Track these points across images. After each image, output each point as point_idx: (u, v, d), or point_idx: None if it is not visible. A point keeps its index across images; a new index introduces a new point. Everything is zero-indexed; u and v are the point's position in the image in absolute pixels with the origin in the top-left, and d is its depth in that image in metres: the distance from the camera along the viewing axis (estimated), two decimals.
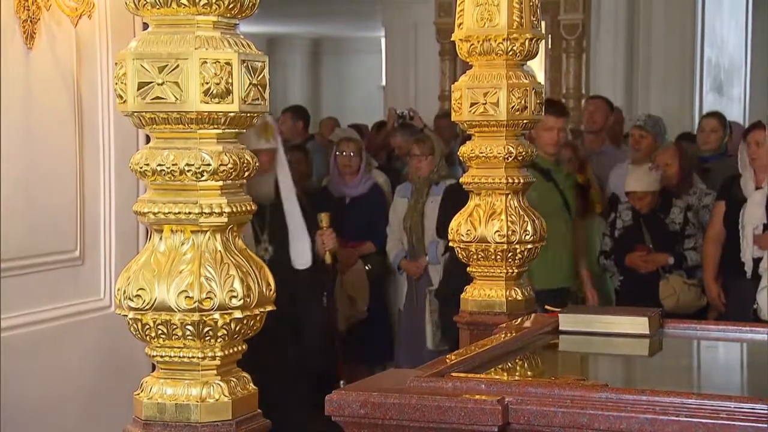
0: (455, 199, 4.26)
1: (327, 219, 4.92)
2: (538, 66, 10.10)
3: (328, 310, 5.31)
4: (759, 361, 2.97)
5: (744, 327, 3.09)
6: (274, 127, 4.62)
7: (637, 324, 2.90)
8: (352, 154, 6.88)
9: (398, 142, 7.79)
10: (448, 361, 2.50)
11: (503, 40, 3.33)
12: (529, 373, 2.72)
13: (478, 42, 3.36)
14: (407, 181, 6.65)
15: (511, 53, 3.35)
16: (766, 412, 2.02)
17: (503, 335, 2.86)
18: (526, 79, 3.39)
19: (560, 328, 2.98)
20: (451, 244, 3.51)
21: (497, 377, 2.48)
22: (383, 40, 12.67)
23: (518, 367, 2.68)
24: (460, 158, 3.55)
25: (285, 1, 12.94)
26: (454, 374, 2.37)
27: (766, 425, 2.00)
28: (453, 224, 3.49)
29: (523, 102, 3.36)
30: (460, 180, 3.56)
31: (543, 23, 9.85)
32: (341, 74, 18.61)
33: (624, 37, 9.94)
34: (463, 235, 3.43)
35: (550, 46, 10.16)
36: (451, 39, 3.52)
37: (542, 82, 9.70)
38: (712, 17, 10.18)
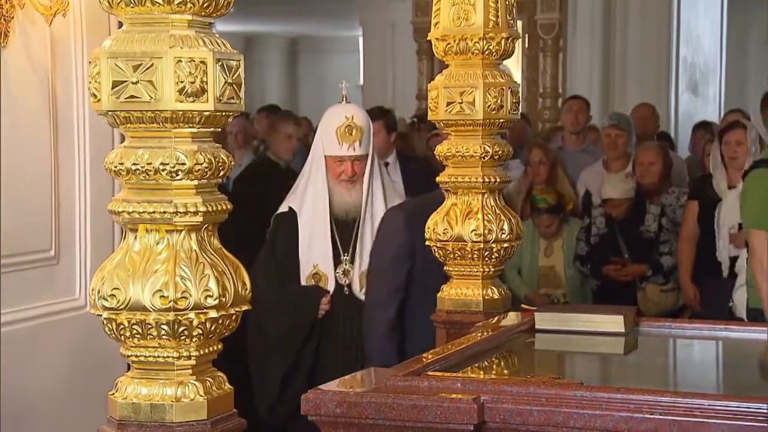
0: None
1: None
2: (515, 65, 10.13)
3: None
4: (733, 359, 2.99)
5: (718, 325, 3.11)
6: (363, 129, 4.23)
7: (613, 322, 2.91)
8: None
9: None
10: (424, 360, 2.50)
11: (479, 39, 3.33)
12: (505, 371, 2.73)
13: (455, 41, 3.36)
14: None
15: (487, 52, 3.35)
16: (739, 409, 2.03)
17: (479, 334, 2.86)
18: (502, 78, 3.40)
19: (536, 326, 2.99)
20: (427, 243, 3.51)
21: (473, 376, 2.48)
22: (361, 40, 12.68)
23: (494, 366, 2.68)
24: (437, 157, 3.55)
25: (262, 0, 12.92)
26: (430, 373, 2.37)
27: (739, 422, 2.01)
28: (430, 223, 3.49)
29: (499, 101, 3.36)
30: (437, 179, 3.56)
31: (520, 23, 9.96)
32: (319, 73, 18.57)
33: (600, 36, 9.98)
34: (439, 234, 3.43)
35: (527, 46, 10.19)
36: (428, 38, 3.52)
37: (519, 82, 9.75)
38: (688, 17, 10.22)
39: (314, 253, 4.24)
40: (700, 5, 10.59)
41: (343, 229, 4.24)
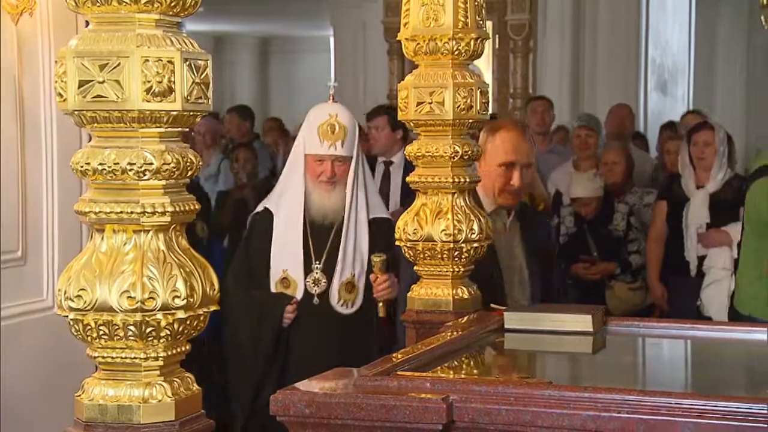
0: None
1: (380, 264, 4.00)
2: (485, 66, 10.15)
3: None
4: (700, 358, 3.02)
5: (685, 324, 3.13)
6: (347, 129, 4.06)
7: (581, 322, 2.92)
8: None
9: None
10: (394, 359, 2.51)
11: (449, 39, 3.34)
12: (474, 371, 2.73)
13: (424, 41, 3.36)
14: None
15: (456, 53, 3.36)
16: (705, 407, 2.04)
17: (449, 334, 2.86)
18: (471, 78, 3.40)
19: (505, 326, 3.00)
20: (397, 243, 3.51)
21: (442, 376, 2.48)
22: (332, 39, 12.67)
23: (464, 366, 2.69)
24: (407, 157, 3.55)
25: None
26: (399, 373, 2.37)
27: (704, 420, 2.02)
28: (400, 223, 3.48)
29: (468, 101, 3.37)
30: (407, 179, 3.56)
31: (490, 23, 9.98)
32: (290, 73, 18.56)
33: (570, 37, 10.02)
34: (410, 234, 3.43)
35: (497, 46, 10.21)
36: (398, 38, 3.52)
37: (490, 82, 9.76)
38: (656, 18, 10.29)
39: (285, 257, 4.06)
40: (668, 7, 10.65)
41: (318, 235, 4.05)
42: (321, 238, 4.01)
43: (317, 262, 3.99)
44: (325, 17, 12.65)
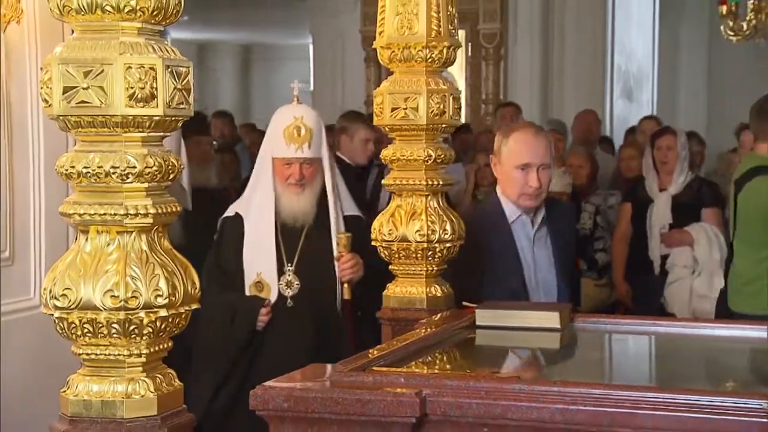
0: None
1: (345, 241, 3.83)
2: (459, 73, 10.16)
3: None
4: (663, 353, 3.03)
5: (649, 320, 3.14)
6: (312, 131, 3.85)
7: (549, 319, 2.93)
8: None
9: None
10: (370, 355, 2.50)
11: (422, 47, 3.34)
12: (447, 366, 2.73)
13: (399, 49, 3.36)
14: None
15: (430, 60, 3.36)
16: (666, 400, 2.05)
17: (423, 330, 2.86)
18: (444, 84, 3.40)
19: (477, 323, 3.00)
20: (373, 243, 3.51)
21: (416, 371, 2.48)
22: (311, 48, 12.65)
23: (437, 361, 2.68)
24: (382, 160, 3.55)
25: (216, 8, 12.86)
26: (375, 368, 2.37)
27: (665, 413, 2.02)
28: (375, 224, 3.48)
29: (441, 107, 3.37)
30: (383, 182, 3.56)
31: (463, 32, 9.97)
32: (270, 80, 18.51)
33: (539, 45, 10.05)
34: (385, 235, 3.43)
35: (470, 54, 10.22)
36: (373, 46, 3.52)
37: (463, 88, 9.75)
38: (622, 28, 10.34)
39: (258, 261, 3.89)
40: (633, 17, 10.71)
41: (290, 237, 3.87)
42: (292, 241, 3.85)
43: (289, 265, 3.83)
44: (305, 26, 12.63)
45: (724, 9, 9.30)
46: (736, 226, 4.81)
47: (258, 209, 3.88)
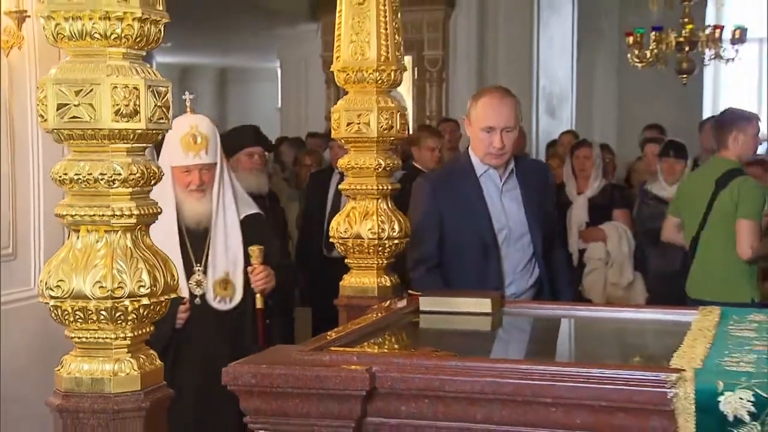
0: None
1: (257, 253, 3.57)
2: (407, 93, 10.15)
3: None
4: (581, 333, 3.03)
5: (569, 305, 3.15)
6: (208, 138, 3.55)
7: (482, 304, 2.92)
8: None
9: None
10: (328, 337, 2.48)
11: (373, 71, 3.34)
12: (395, 346, 2.72)
13: (353, 72, 3.36)
14: None
15: (380, 82, 3.36)
16: (579, 373, 2.06)
17: (374, 315, 2.85)
18: (392, 103, 3.40)
19: (420, 308, 2.99)
20: (331, 240, 3.50)
21: (368, 350, 2.47)
22: (279, 71, 12.60)
23: (386, 342, 2.67)
24: (339, 169, 3.54)
25: (195, 36, 12.77)
26: (332, 348, 2.35)
27: (579, 384, 2.03)
28: (333, 223, 3.48)
29: (390, 122, 3.37)
30: (340, 187, 3.55)
31: (410, 58, 9.97)
32: (244, 99, 18.43)
33: (475, 69, 10.09)
34: (341, 233, 3.43)
35: (416, 77, 10.23)
36: (330, 69, 3.51)
37: (410, 106, 9.75)
38: (546, 55, 10.42)
39: None
40: (556, 45, 10.79)
41: (196, 240, 3.55)
42: (199, 242, 3.54)
43: (198, 265, 3.53)
44: (273, 52, 12.60)
45: (630, 39, 9.42)
46: (707, 220, 4.73)
47: (160, 217, 3.54)
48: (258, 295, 3.57)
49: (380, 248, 3.41)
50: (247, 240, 3.60)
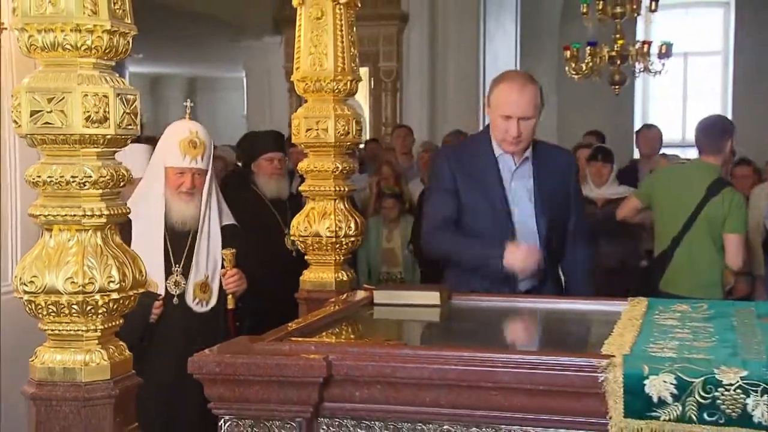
0: None
1: (230, 257, 3.46)
2: (364, 101, 10.16)
3: None
4: (523, 324, 3.05)
5: (511, 297, 3.16)
6: (205, 145, 3.46)
7: (431, 297, 2.93)
8: (219, 167, 6.78)
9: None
10: (288, 328, 2.47)
11: (331, 81, 3.33)
12: (351, 336, 2.72)
13: (312, 82, 3.35)
14: None
15: (337, 91, 3.35)
16: (518, 360, 2.07)
17: (331, 307, 2.85)
18: (348, 111, 3.40)
19: (374, 301, 2.99)
20: (291, 238, 3.48)
21: (325, 340, 2.46)
22: (245, 80, 12.52)
23: (342, 332, 2.67)
24: (298, 172, 3.53)
25: (166, 47, 12.66)
26: (291, 339, 2.35)
27: (521, 370, 2.04)
28: (294, 222, 3.46)
29: (346, 128, 3.37)
30: (300, 188, 3.53)
31: (366, 69, 9.96)
32: (212, 106, 18.27)
33: (427, 79, 10.13)
34: (302, 231, 3.42)
35: (372, 86, 10.24)
36: (292, 79, 3.50)
37: (367, 114, 9.72)
38: (491, 66, 10.47)
39: (146, 261, 3.17)
40: (500, 57, 10.86)
41: (177, 241, 3.43)
42: (180, 243, 3.44)
43: (177, 266, 3.42)
44: (239, 63, 12.51)
45: (568, 53, 9.52)
46: (692, 223, 4.67)
47: (148, 214, 3.40)
48: (230, 297, 3.48)
49: (337, 245, 3.41)
50: (225, 247, 3.51)
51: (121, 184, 2.09)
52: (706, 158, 4.71)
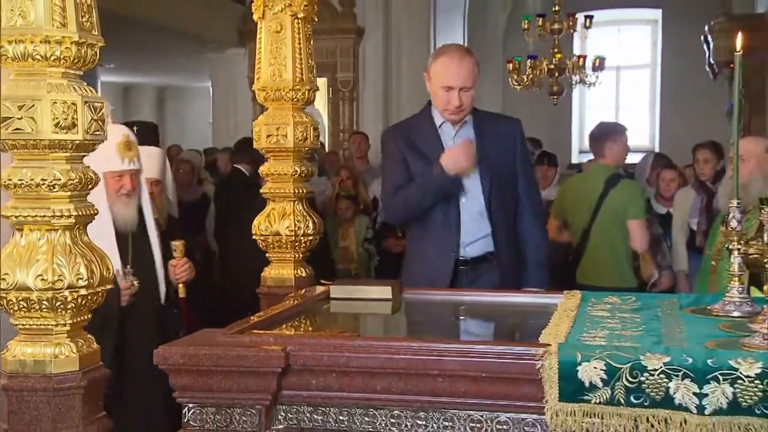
0: None
1: (181, 248, 3.43)
2: (323, 109, 10.14)
3: None
4: (467, 315, 3.04)
5: (458, 291, 3.17)
6: (137, 146, 3.36)
7: (383, 291, 2.92)
8: (187, 170, 6.73)
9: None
10: (249, 321, 2.45)
11: (289, 90, 3.32)
12: (309, 328, 2.70)
13: (272, 91, 3.33)
14: None
15: (295, 99, 3.34)
16: (465, 349, 2.07)
17: (290, 302, 2.83)
18: (306, 118, 3.39)
19: (331, 296, 2.97)
20: (254, 237, 3.46)
21: (284, 332, 2.44)
22: (211, 89, 12.42)
23: (300, 325, 2.65)
24: (261, 174, 3.50)
25: (136, 58, 12.51)
26: (252, 331, 2.33)
27: (467, 359, 2.04)
28: (256, 222, 3.44)
29: (304, 134, 3.36)
30: (261, 191, 3.51)
31: (325, 80, 9.96)
32: (180, 114, 18.11)
33: (382, 89, 10.14)
34: (263, 231, 3.40)
35: (330, 96, 10.22)
36: (253, 88, 3.48)
37: (326, 121, 9.70)
38: None
39: None
40: None
41: (123, 242, 3.31)
42: (125, 244, 3.33)
43: (126, 267, 3.33)
44: (206, 72, 12.41)
45: (510, 66, 9.60)
46: (597, 214, 4.77)
47: (98, 218, 2.93)
48: (180, 286, 3.42)
49: (296, 244, 3.39)
50: (175, 239, 3.47)
51: (89, 186, 2.06)
52: (597, 160, 4.92)
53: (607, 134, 4.94)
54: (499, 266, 3.43)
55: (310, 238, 3.42)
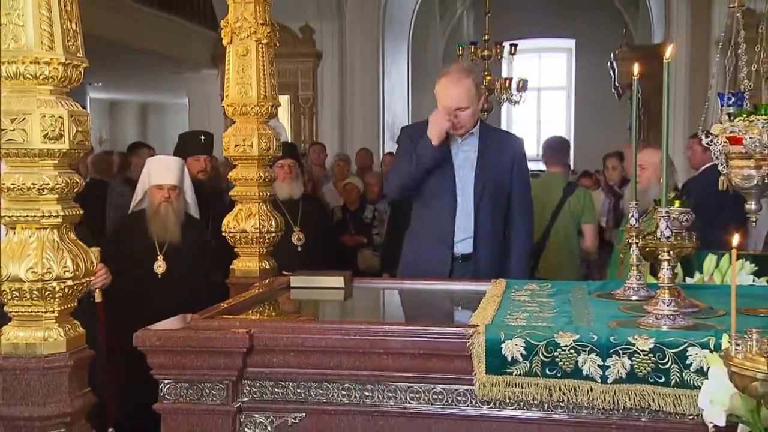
0: None
1: (98, 254, 3.18)
2: (286, 123, 10.06)
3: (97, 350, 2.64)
4: (415, 301, 3.04)
5: (407, 281, 3.17)
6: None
7: (336, 281, 2.91)
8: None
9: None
10: (219, 307, 2.43)
11: (254, 106, 3.29)
12: (272, 314, 2.69)
13: (239, 107, 3.30)
14: None
15: (259, 114, 3.31)
16: (407, 330, 2.08)
17: (255, 291, 2.81)
18: (269, 130, 3.36)
19: (291, 285, 2.96)
20: (223, 234, 3.42)
21: (249, 317, 2.43)
22: (188, 105, 12.27)
23: (264, 310, 2.63)
24: (230, 179, 3.47)
25: (122, 77, 12.30)
26: (222, 316, 2.31)
27: (407, 338, 2.05)
28: (224, 221, 3.40)
29: (268, 144, 3.34)
30: (230, 193, 3.47)
31: (287, 97, 9.88)
32: (161, 127, 17.81)
33: (338, 106, 10.13)
34: (231, 228, 3.37)
35: (293, 111, 10.17)
36: (222, 104, 3.44)
37: (289, 133, 9.60)
38: (389, 95, 10.58)
39: None
40: (396, 88, 10.95)
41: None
42: None
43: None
44: (183, 90, 12.25)
45: None
46: (557, 217, 4.75)
47: None
48: (97, 291, 3.20)
49: (261, 240, 3.37)
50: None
51: (75, 190, 2.02)
52: (553, 169, 4.95)
53: (561, 147, 5.02)
54: (475, 269, 3.30)
55: (273, 234, 3.40)
